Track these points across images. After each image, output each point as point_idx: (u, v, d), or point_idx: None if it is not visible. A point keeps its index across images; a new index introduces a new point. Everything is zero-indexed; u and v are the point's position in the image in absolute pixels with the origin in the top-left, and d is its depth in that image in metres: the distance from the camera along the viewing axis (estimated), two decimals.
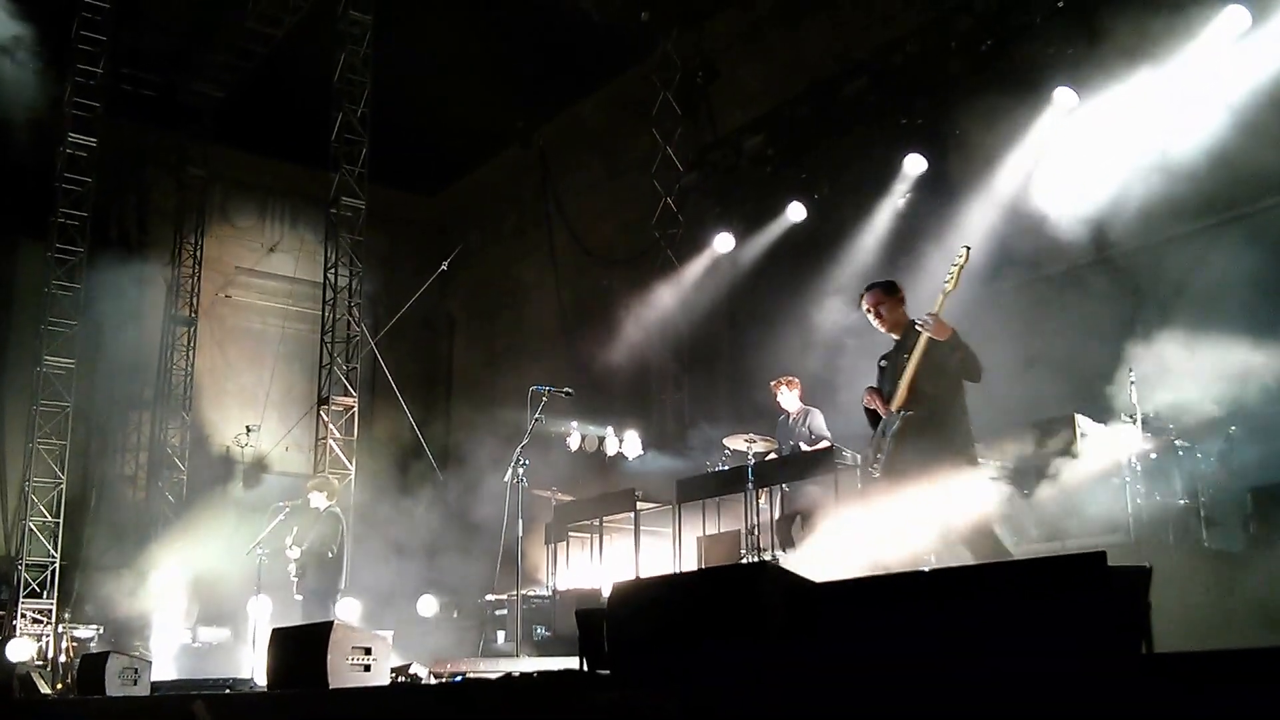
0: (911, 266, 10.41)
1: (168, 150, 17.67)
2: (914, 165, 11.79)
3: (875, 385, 7.03)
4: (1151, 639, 2.84)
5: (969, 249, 6.43)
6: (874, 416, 6.97)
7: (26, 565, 14.43)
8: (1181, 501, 7.56)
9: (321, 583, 11.00)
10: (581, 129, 17.59)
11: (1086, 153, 9.97)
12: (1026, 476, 7.99)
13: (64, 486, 14.81)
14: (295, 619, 10.40)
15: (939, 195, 11.33)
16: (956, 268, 6.40)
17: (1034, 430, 8.44)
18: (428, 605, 13.40)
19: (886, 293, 7.05)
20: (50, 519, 14.68)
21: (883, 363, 7.09)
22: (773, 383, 10.57)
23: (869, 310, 7.04)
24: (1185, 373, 7.83)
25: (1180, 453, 7.70)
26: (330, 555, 11.06)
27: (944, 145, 11.53)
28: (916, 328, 6.61)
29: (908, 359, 6.62)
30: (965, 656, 3.02)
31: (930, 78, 11.48)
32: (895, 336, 7.00)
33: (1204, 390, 7.75)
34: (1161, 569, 3.06)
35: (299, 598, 10.86)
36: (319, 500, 11.35)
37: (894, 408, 6.71)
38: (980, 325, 7.50)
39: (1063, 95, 10.37)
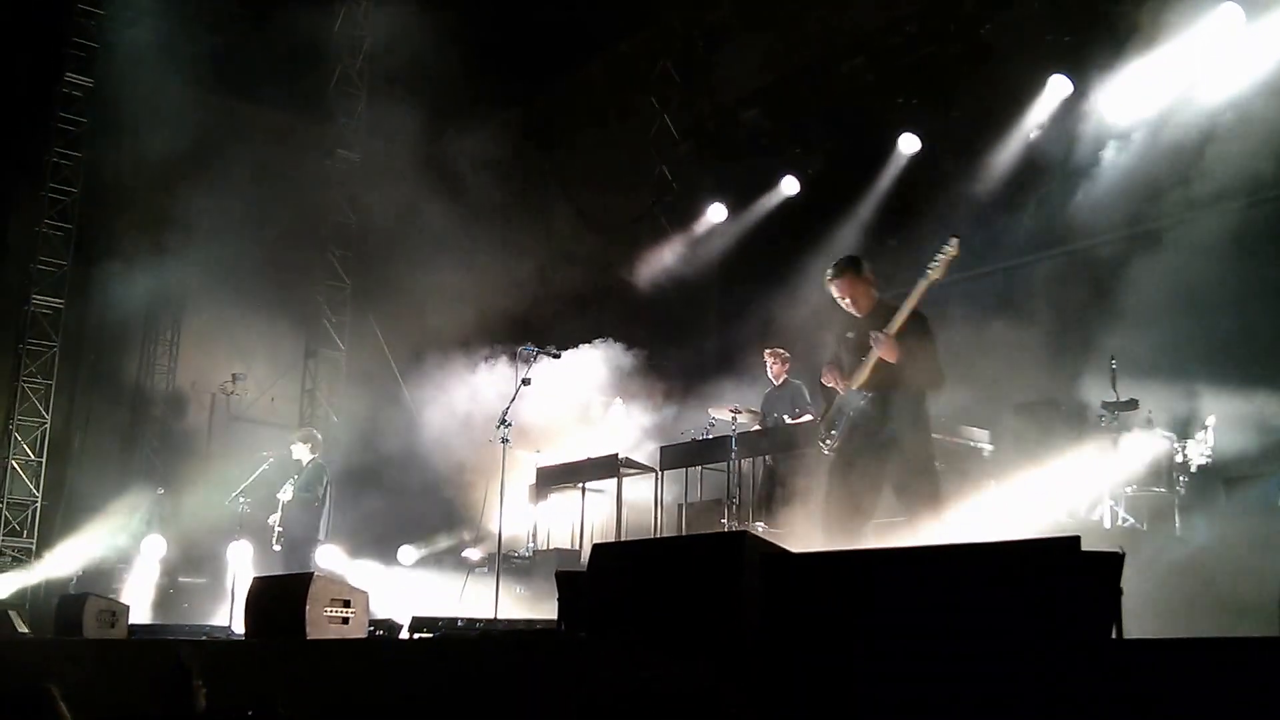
0: (900, 247, 10.44)
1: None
2: (908, 144, 11.82)
3: (834, 359, 6.83)
4: (1122, 624, 2.88)
5: (959, 239, 6.23)
6: (830, 392, 6.78)
7: (8, 504, 14.43)
8: (1159, 490, 7.63)
9: (304, 532, 11.09)
10: (580, 95, 17.49)
11: (1081, 138, 10.00)
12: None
13: (48, 426, 14.79)
14: (275, 568, 10.47)
15: (931, 176, 11.36)
16: (945, 258, 6.19)
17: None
18: (407, 555, 13.48)
19: (857, 277, 6.75)
20: (33, 458, 14.67)
21: (849, 334, 6.82)
22: (766, 351, 10.65)
23: (842, 298, 6.77)
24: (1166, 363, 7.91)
25: (1160, 441, 7.76)
26: (315, 505, 11.14)
27: (939, 126, 11.54)
28: (870, 342, 6.39)
29: (871, 342, 6.42)
30: (936, 634, 3.06)
31: (928, 59, 11.49)
32: (858, 315, 6.76)
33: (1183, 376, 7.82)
34: (1133, 555, 3.11)
35: (277, 548, 10.94)
36: (301, 452, 11.40)
37: (855, 386, 6.54)
38: (959, 311, 7.52)
39: (1058, 82, 10.42)
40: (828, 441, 6.65)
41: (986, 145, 10.82)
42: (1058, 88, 10.43)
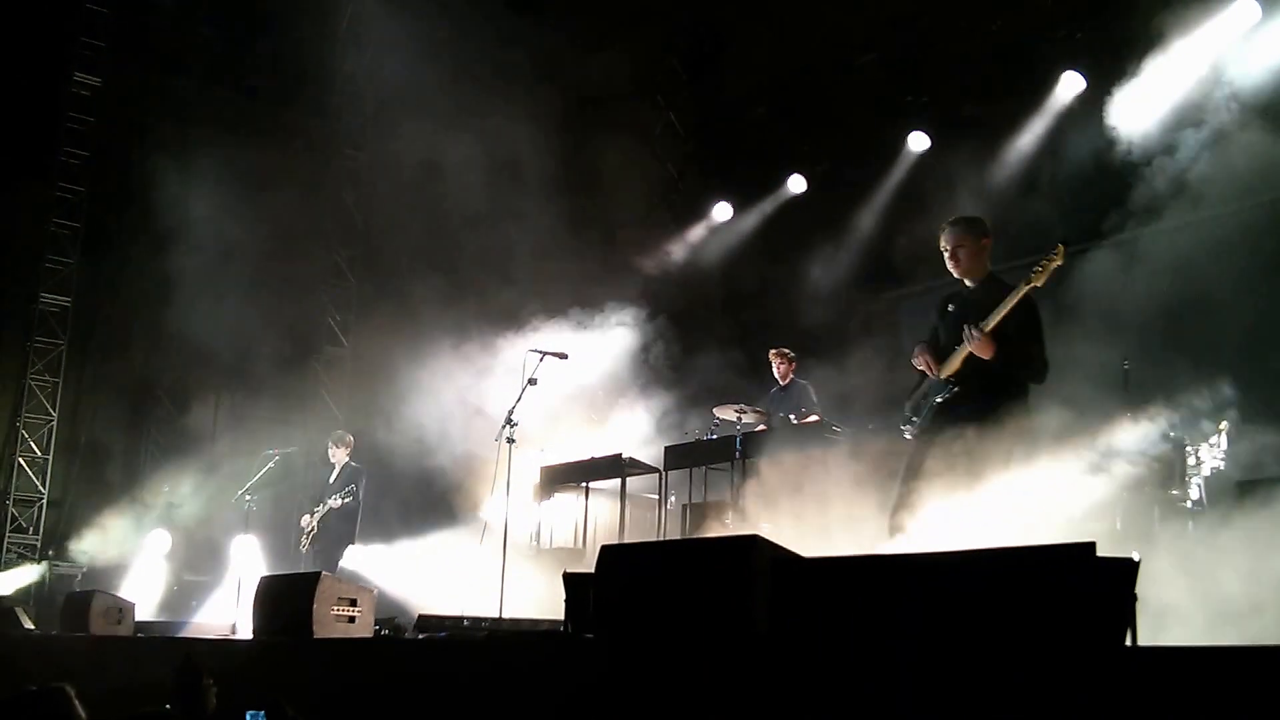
0: (907, 246, 10.42)
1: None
2: (918, 143, 11.80)
3: (931, 335, 6.52)
4: (1136, 631, 2.87)
5: (1065, 246, 5.88)
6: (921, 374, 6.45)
7: (15, 500, 14.45)
8: (1172, 492, 7.59)
9: (338, 535, 11.23)
10: (586, 88, 17.43)
11: (1092, 137, 9.96)
12: None
13: (55, 424, 14.81)
14: (283, 566, 10.51)
15: (939, 175, 11.32)
16: (1051, 262, 5.85)
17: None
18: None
19: (969, 232, 6.39)
20: (40, 455, 14.69)
21: (949, 306, 6.48)
22: (771, 351, 10.65)
23: (946, 249, 6.39)
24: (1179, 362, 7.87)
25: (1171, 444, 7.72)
26: (354, 507, 11.24)
27: (948, 125, 11.51)
28: (964, 337, 6.07)
29: (970, 328, 6.05)
30: (949, 640, 3.05)
31: (938, 57, 11.47)
32: (969, 283, 6.42)
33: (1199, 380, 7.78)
34: (1148, 561, 3.10)
35: (304, 549, 11.09)
36: (339, 456, 11.52)
37: (943, 375, 6.26)
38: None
39: (1070, 79, 10.40)
40: (909, 427, 6.41)
41: (999, 141, 10.78)
42: (1071, 84, 10.39)
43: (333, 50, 16.33)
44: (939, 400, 6.23)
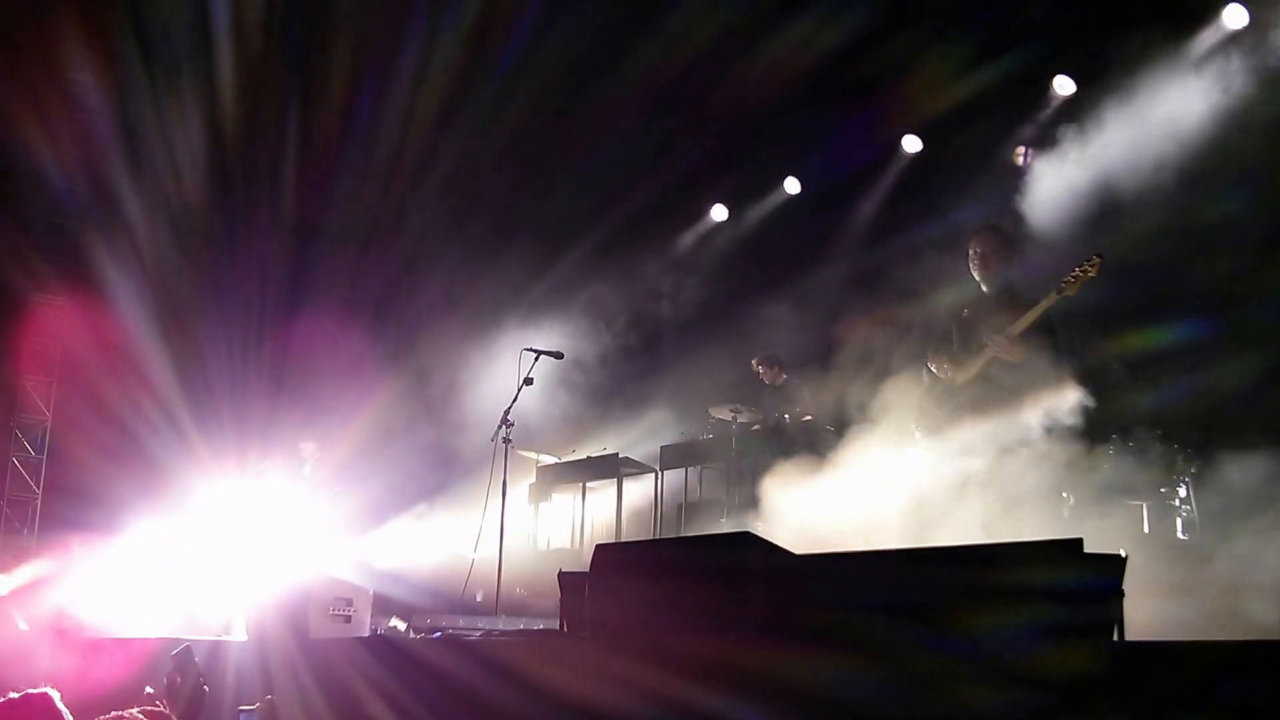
0: (902, 248, 10.38)
1: None
2: (911, 144, 11.78)
3: (945, 339, 6.66)
4: (1124, 626, 2.89)
5: (1102, 259, 5.91)
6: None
7: (9, 500, 14.41)
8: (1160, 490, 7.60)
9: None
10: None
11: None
12: None
13: (49, 424, 14.76)
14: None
15: (931, 181, 11.26)
16: (1084, 272, 5.91)
17: None
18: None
19: (1002, 239, 6.59)
20: (33, 455, 14.64)
21: (964, 312, 6.64)
22: (754, 361, 10.68)
23: (977, 253, 6.53)
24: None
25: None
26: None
27: (942, 127, 11.44)
28: (985, 343, 6.25)
29: (985, 341, 6.25)
30: (938, 635, 3.07)
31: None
32: (986, 289, 6.56)
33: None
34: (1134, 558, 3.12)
35: None
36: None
37: (959, 381, 6.41)
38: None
39: (1062, 83, 10.37)
40: (923, 426, 6.54)
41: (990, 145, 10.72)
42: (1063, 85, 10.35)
43: None
44: (955, 403, 6.35)
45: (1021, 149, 10.01)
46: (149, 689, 5.10)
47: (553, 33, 11.81)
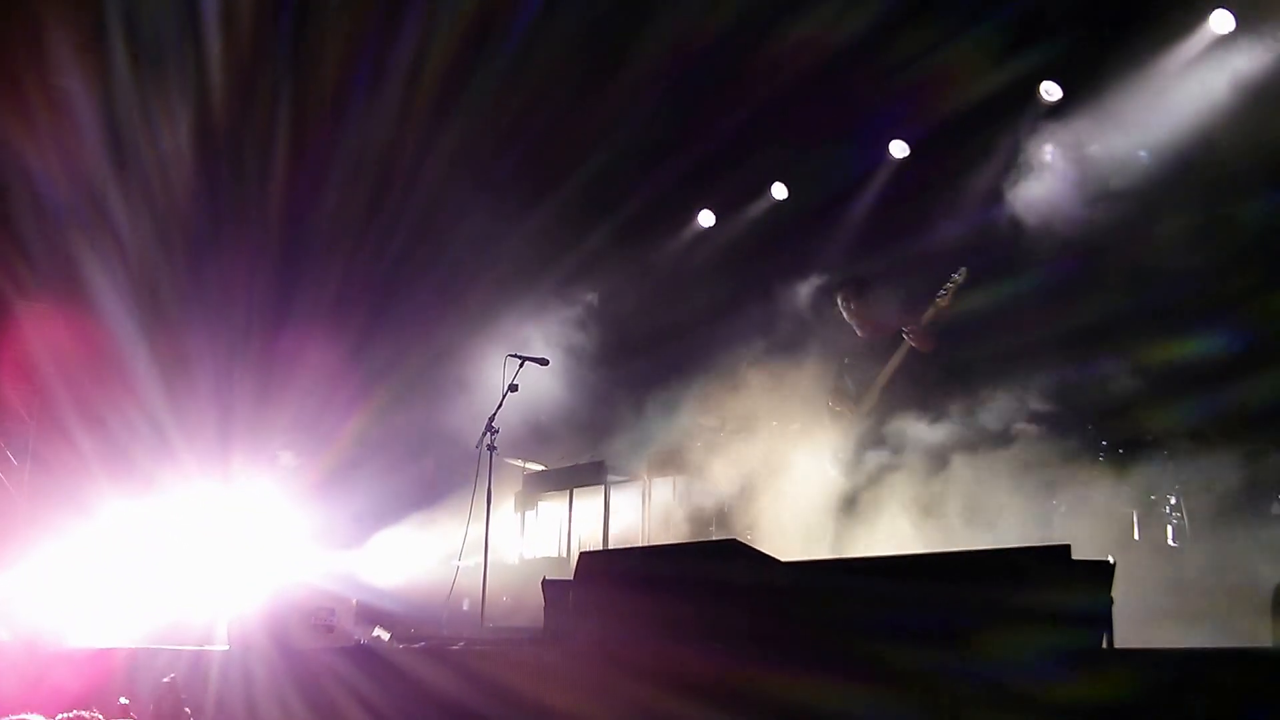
0: (891, 256, 10.35)
1: None
2: (898, 150, 11.72)
3: (839, 384, 7.13)
4: (1113, 632, 2.86)
5: (966, 271, 6.60)
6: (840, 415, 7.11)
7: None
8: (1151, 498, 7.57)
9: None
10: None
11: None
12: None
13: (32, 432, 14.66)
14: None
15: (907, 193, 11.23)
16: (954, 285, 6.56)
17: None
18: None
19: (859, 291, 7.23)
20: (15, 464, 14.53)
21: (845, 360, 7.22)
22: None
23: (846, 305, 7.21)
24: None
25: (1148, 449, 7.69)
26: None
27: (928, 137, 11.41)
28: (903, 335, 6.66)
29: (880, 366, 6.76)
30: (925, 640, 3.04)
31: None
32: (862, 335, 7.14)
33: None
34: (1123, 564, 3.09)
35: None
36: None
37: (863, 410, 6.84)
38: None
39: (1048, 89, 10.35)
40: (840, 463, 7.02)
41: (973, 153, 10.69)
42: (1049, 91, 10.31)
43: None
44: (862, 435, 6.96)
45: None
46: (123, 699, 5.04)
47: (540, 42, 11.81)
